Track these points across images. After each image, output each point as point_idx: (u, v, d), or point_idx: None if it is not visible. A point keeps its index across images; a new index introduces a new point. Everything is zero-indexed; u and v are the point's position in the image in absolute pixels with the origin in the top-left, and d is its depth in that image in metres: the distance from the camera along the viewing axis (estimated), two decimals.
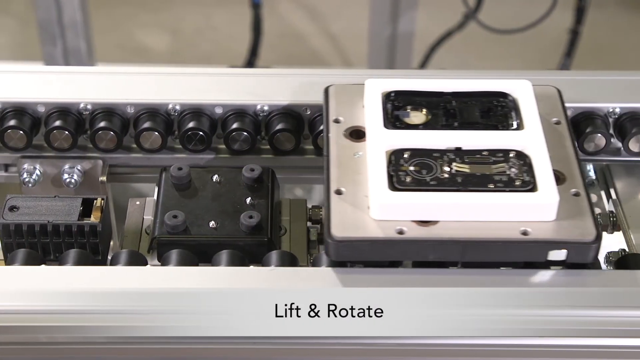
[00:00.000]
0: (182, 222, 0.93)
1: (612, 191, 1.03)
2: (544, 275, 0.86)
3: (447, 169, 0.88)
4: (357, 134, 0.94)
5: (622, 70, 1.09)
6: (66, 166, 1.04)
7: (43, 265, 0.89)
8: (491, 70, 1.10)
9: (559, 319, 0.83)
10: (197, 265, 0.91)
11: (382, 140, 0.91)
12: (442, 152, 0.90)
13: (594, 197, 1.12)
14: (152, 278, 0.86)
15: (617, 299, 0.85)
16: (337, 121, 0.96)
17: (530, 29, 2.15)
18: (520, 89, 0.97)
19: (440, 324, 0.83)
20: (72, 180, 1.04)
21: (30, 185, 1.04)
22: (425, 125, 0.94)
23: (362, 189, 0.88)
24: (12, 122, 1.01)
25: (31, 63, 2.09)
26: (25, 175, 1.04)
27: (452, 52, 2.40)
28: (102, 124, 1.02)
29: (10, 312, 0.84)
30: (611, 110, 1.03)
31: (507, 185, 0.87)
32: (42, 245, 0.93)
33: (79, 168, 1.04)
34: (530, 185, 0.87)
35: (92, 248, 0.93)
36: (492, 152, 0.90)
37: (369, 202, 0.86)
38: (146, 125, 1.02)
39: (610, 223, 1.00)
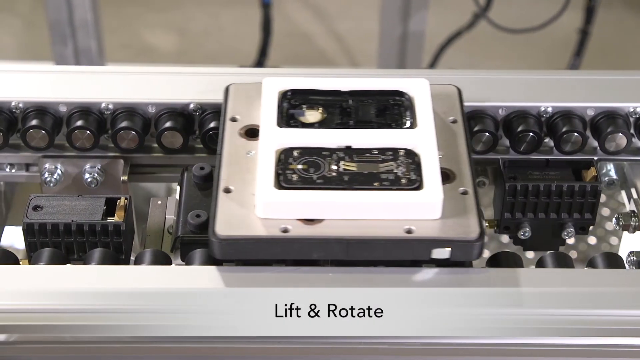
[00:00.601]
0: (204, 221, 0.93)
1: (633, 191, 1.03)
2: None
3: (335, 167, 0.88)
4: (252, 133, 0.94)
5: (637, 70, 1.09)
6: (87, 166, 1.04)
7: (68, 265, 0.89)
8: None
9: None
10: (221, 264, 0.91)
11: (273, 139, 0.91)
12: (332, 151, 0.90)
13: (607, 197, 1.12)
14: (180, 277, 0.87)
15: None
16: (233, 119, 0.96)
17: (542, 29, 2.15)
18: (417, 88, 0.96)
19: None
20: (93, 180, 1.04)
21: (51, 184, 1.04)
22: (320, 124, 0.94)
23: (251, 188, 0.88)
24: (34, 122, 1.01)
25: (40, 63, 2.09)
26: (46, 174, 1.04)
27: (461, 53, 2.41)
28: (123, 124, 1.02)
29: (36, 312, 0.84)
30: (632, 110, 1.03)
31: (393, 183, 0.87)
32: (66, 245, 0.93)
33: (100, 167, 1.04)
34: (416, 184, 0.87)
35: (116, 247, 0.93)
36: (382, 150, 0.90)
37: (255, 200, 0.86)
38: (167, 124, 1.02)
39: (632, 223, 1.00)
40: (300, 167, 0.88)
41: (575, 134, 1.01)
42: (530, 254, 1.27)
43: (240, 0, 2.83)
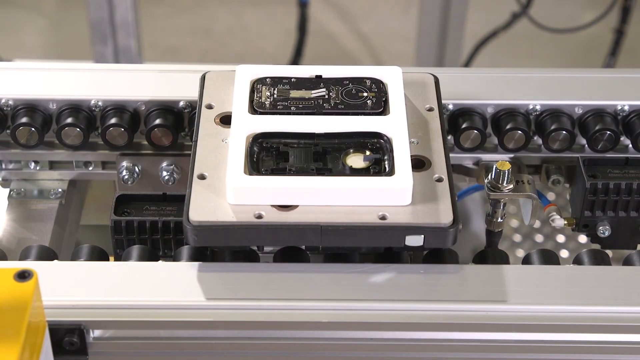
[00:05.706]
0: None
1: None
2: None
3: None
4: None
5: None
6: (164, 164, 1.05)
7: (160, 261, 0.90)
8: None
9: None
10: None
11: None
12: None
13: None
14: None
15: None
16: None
17: (585, 29, 2.15)
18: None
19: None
20: (171, 178, 1.04)
21: (129, 182, 1.04)
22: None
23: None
24: (113, 120, 1.01)
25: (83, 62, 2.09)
26: (124, 172, 1.04)
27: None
28: None
29: (131, 307, 0.84)
30: None
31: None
32: (152, 242, 0.94)
33: (177, 165, 1.05)
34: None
35: None
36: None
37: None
38: None
39: None
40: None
41: None
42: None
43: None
